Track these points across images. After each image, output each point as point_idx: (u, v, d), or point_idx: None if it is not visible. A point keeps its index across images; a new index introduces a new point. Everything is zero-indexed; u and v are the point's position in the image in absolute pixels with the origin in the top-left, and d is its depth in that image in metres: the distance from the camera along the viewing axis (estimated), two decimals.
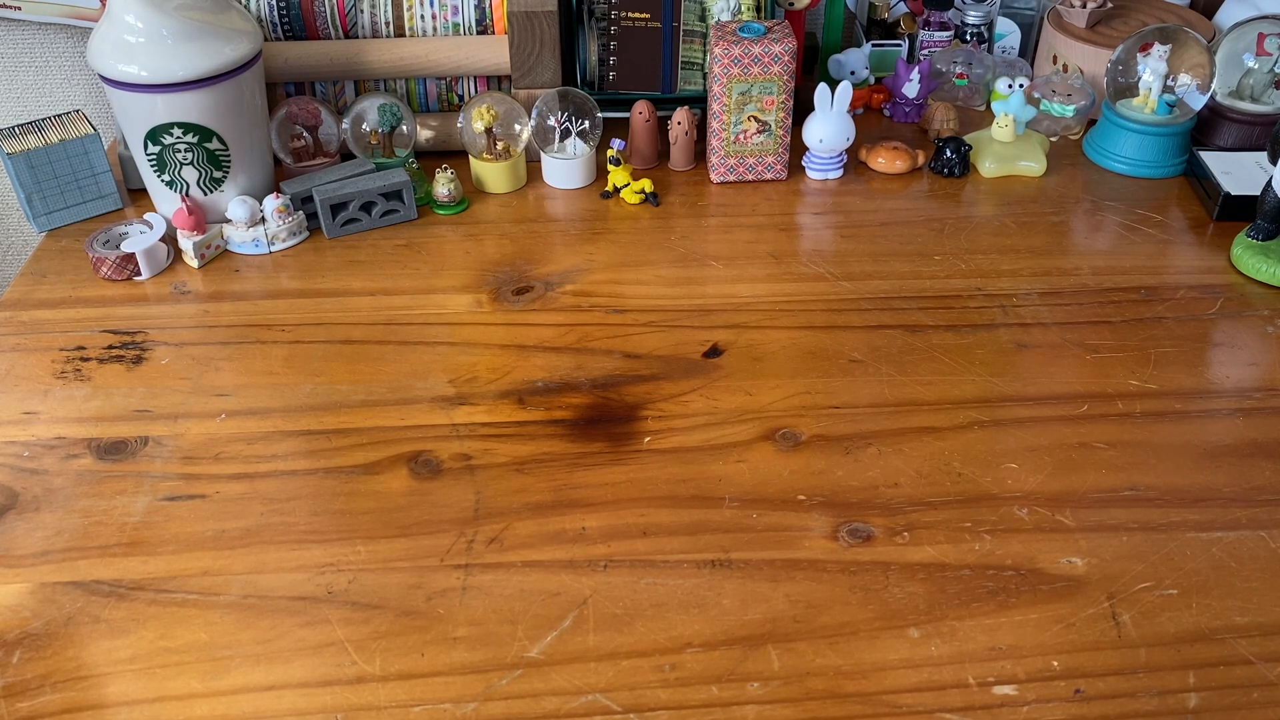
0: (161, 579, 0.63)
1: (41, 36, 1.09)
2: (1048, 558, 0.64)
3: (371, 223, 0.95)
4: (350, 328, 0.83)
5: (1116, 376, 0.78)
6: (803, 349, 0.80)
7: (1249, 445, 0.72)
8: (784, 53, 0.94)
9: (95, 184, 0.95)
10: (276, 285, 0.88)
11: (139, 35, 0.84)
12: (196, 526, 0.66)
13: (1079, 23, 1.10)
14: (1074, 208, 0.98)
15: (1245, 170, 0.96)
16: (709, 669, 0.58)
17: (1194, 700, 0.56)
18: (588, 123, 0.99)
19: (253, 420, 0.74)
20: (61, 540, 0.66)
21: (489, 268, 0.90)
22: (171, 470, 0.70)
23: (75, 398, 0.76)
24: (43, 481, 0.70)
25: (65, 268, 0.90)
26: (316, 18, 0.99)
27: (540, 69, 1.00)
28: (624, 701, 0.56)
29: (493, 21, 1.00)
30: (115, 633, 0.60)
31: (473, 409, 0.75)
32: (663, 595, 0.62)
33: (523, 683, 0.58)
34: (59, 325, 0.84)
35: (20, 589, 0.63)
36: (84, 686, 0.57)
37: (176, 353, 0.81)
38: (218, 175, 0.91)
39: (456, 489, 0.68)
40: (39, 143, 0.92)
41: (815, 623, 0.60)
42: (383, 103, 0.97)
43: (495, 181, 1.00)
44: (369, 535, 0.66)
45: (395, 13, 1.00)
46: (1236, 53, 1.02)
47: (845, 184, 1.02)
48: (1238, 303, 0.85)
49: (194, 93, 0.85)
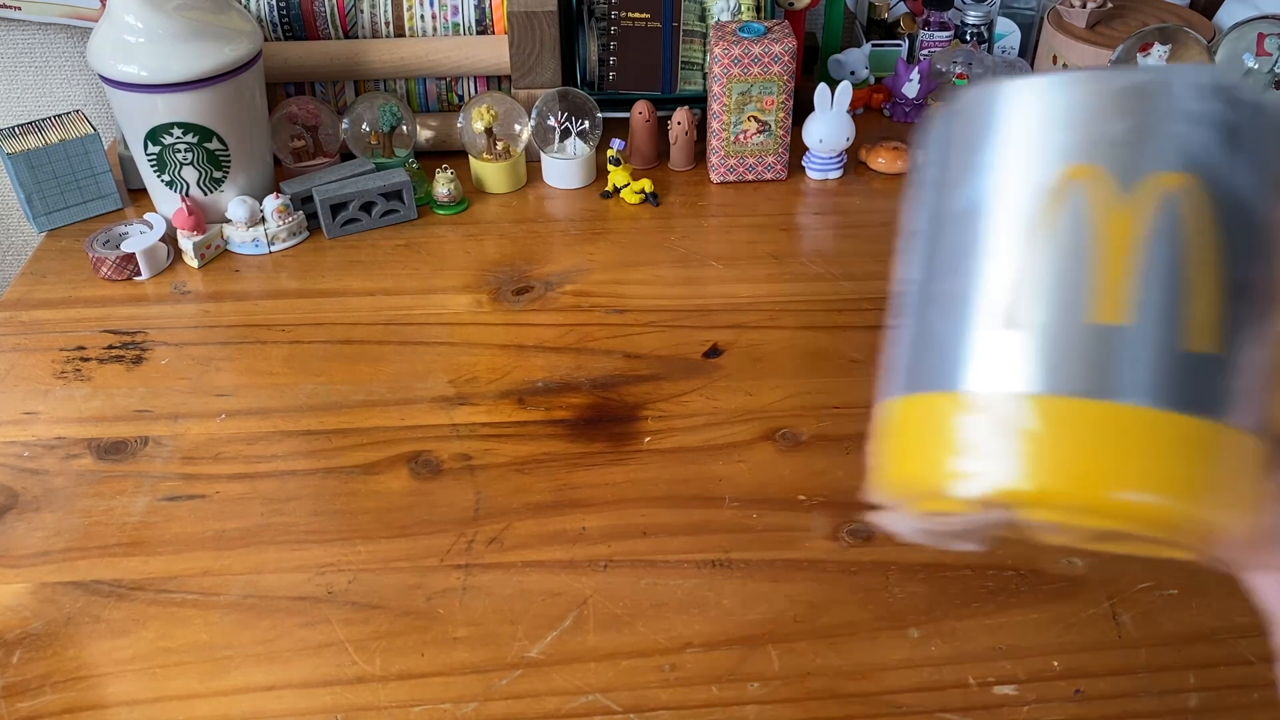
0: (162, 579, 0.63)
1: (41, 36, 1.09)
2: (1048, 558, 0.64)
3: (371, 223, 0.95)
4: (350, 328, 0.83)
5: None
6: (803, 349, 0.80)
7: None
8: (784, 53, 0.94)
9: (95, 184, 0.95)
10: (276, 285, 0.88)
11: (139, 35, 0.84)
12: (196, 527, 0.66)
13: (1079, 23, 1.10)
14: None
15: None
16: (709, 669, 0.58)
17: (1194, 700, 0.56)
18: (587, 123, 0.99)
19: (253, 420, 0.74)
20: (61, 540, 0.66)
21: (489, 268, 0.90)
22: (171, 470, 0.70)
23: (75, 398, 0.76)
24: (43, 481, 0.70)
25: (65, 268, 0.90)
26: (316, 18, 0.99)
27: (540, 69, 1.00)
28: (624, 702, 0.56)
29: (492, 21, 1.00)
30: (115, 633, 0.60)
31: (473, 409, 0.75)
32: (663, 595, 0.62)
33: (523, 683, 0.58)
34: (59, 325, 0.84)
35: (20, 589, 0.63)
36: (84, 687, 0.57)
37: (176, 353, 0.81)
38: (218, 175, 0.91)
39: (457, 489, 0.68)
40: (39, 143, 0.92)
41: (816, 623, 0.60)
42: (383, 103, 0.97)
43: (495, 181, 1.00)
44: (369, 535, 0.66)
45: (395, 13, 1.00)
46: (1236, 53, 1.02)
47: (845, 184, 1.01)
48: None
49: (194, 93, 0.85)
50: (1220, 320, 0.27)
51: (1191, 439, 0.27)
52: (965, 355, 0.29)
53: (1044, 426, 0.27)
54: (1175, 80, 0.28)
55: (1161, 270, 0.27)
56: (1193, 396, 0.27)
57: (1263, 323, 0.28)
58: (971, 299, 0.29)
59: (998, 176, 0.29)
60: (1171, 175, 0.27)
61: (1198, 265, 0.27)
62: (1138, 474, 0.27)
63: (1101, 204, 0.28)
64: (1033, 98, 0.29)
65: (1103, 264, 0.27)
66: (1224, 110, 0.28)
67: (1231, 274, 0.28)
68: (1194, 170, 0.27)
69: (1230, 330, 0.28)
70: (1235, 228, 0.28)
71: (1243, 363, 0.28)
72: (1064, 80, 0.29)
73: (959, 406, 0.28)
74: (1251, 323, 0.28)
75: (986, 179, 0.29)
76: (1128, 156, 0.28)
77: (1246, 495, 0.28)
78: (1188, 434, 0.27)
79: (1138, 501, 0.27)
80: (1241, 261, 0.28)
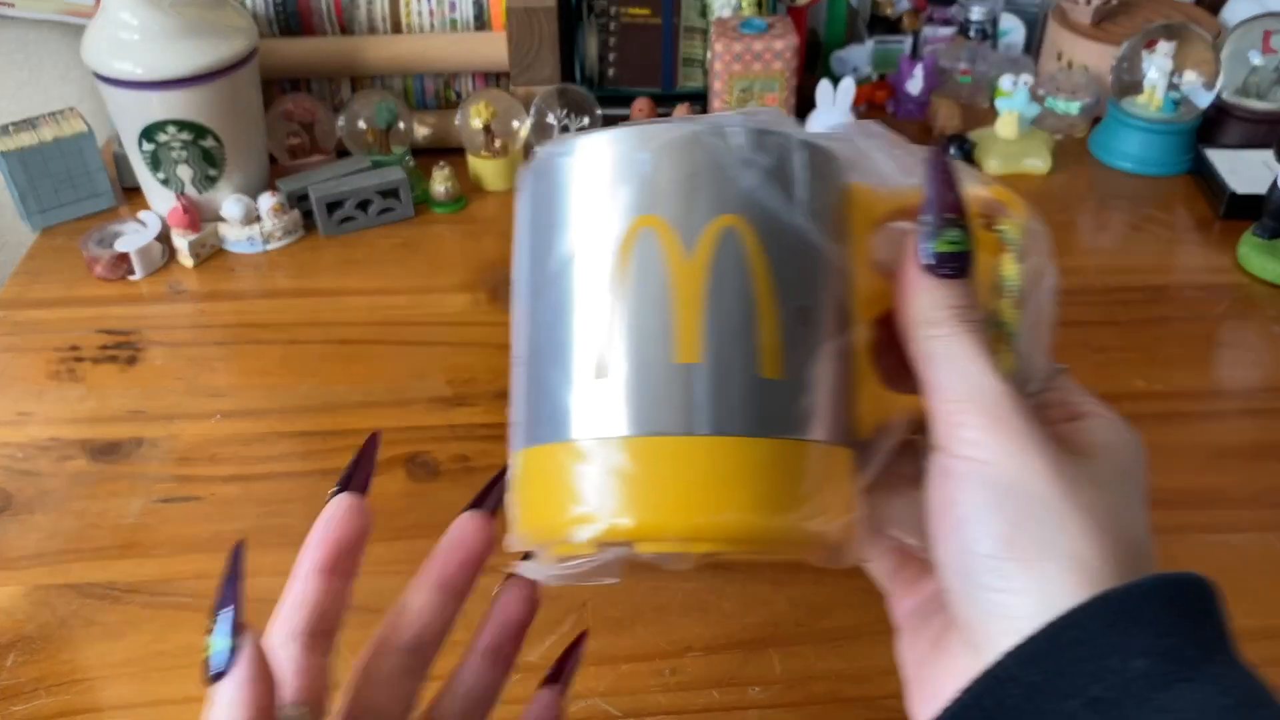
0: (157, 581, 0.62)
1: (35, 33, 1.09)
2: None
3: (368, 221, 0.94)
4: (346, 327, 0.83)
5: (1122, 377, 0.77)
6: None
7: (1256, 447, 0.71)
8: (786, 49, 0.93)
9: (89, 182, 0.94)
10: (272, 284, 0.88)
11: (134, 32, 0.83)
12: (192, 529, 0.66)
13: (1084, 19, 1.09)
14: (1079, 206, 0.97)
15: (1251, 168, 0.96)
16: (710, 673, 0.57)
17: None
18: (587, 120, 0.98)
19: (248, 421, 0.74)
20: (55, 542, 0.65)
21: (487, 266, 0.89)
22: (166, 472, 0.70)
23: (69, 398, 0.76)
24: (36, 483, 0.69)
25: (59, 267, 0.89)
26: (313, 14, 0.98)
27: (539, 65, 0.99)
28: (624, 706, 0.56)
29: (491, 18, 1.00)
30: (110, 636, 0.59)
31: (471, 410, 0.74)
32: (663, 599, 0.61)
33: (522, 687, 0.57)
34: (53, 325, 0.83)
35: (14, 591, 0.62)
36: (79, 690, 0.57)
37: (171, 353, 0.80)
38: (213, 173, 0.90)
39: (455, 491, 0.67)
40: (32, 141, 0.91)
41: (817, 626, 0.59)
42: (379, 100, 0.97)
43: (493, 179, 0.99)
44: None
45: (392, 9, 0.99)
46: (1242, 50, 1.01)
47: None
48: (1244, 303, 0.85)
49: (189, 90, 0.85)
50: (784, 347, 0.30)
51: (773, 459, 0.30)
52: (570, 406, 0.31)
53: (639, 467, 0.30)
54: (726, 128, 0.31)
55: (725, 308, 0.30)
56: (769, 420, 0.30)
57: (825, 343, 0.31)
58: (570, 352, 0.31)
59: (577, 234, 0.31)
60: (727, 218, 0.30)
61: (758, 300, 0.30)
62: (726, 500, 0.29)
63: (667, 252, 0.30)
64: (598, 156, 0.31)
65: (674, 308, 0.30)
66: (770, 154, 0.31)
67: (790, 303, 0.30)
68: (746, 212, 0.30)
69: (795, 355, 0.30)
70: (789, 261, 0.30)
71: (811, 381, 0.31)
72: (625, 136, 0.31)
73: (570, 455, 0.31)
74: (815, 344, 0.31)
75: (569, 237, 0.31)
76: (687, 205, 0.30)
77: (835, 500, 0.31)
78: (768, 455, 0.30)
79: (732, 526, 0.30)
80: (798, 290, 0.31)
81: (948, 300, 0.30)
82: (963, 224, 0.31)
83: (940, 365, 0.30)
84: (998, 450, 0.29)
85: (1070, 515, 0.28)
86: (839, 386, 0.31)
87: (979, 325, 0.30)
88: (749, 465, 0.30)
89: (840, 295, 0.32)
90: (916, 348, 0.31)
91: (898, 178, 0.33)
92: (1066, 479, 0.28)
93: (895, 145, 0.34)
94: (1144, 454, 0.32)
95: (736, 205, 0.30)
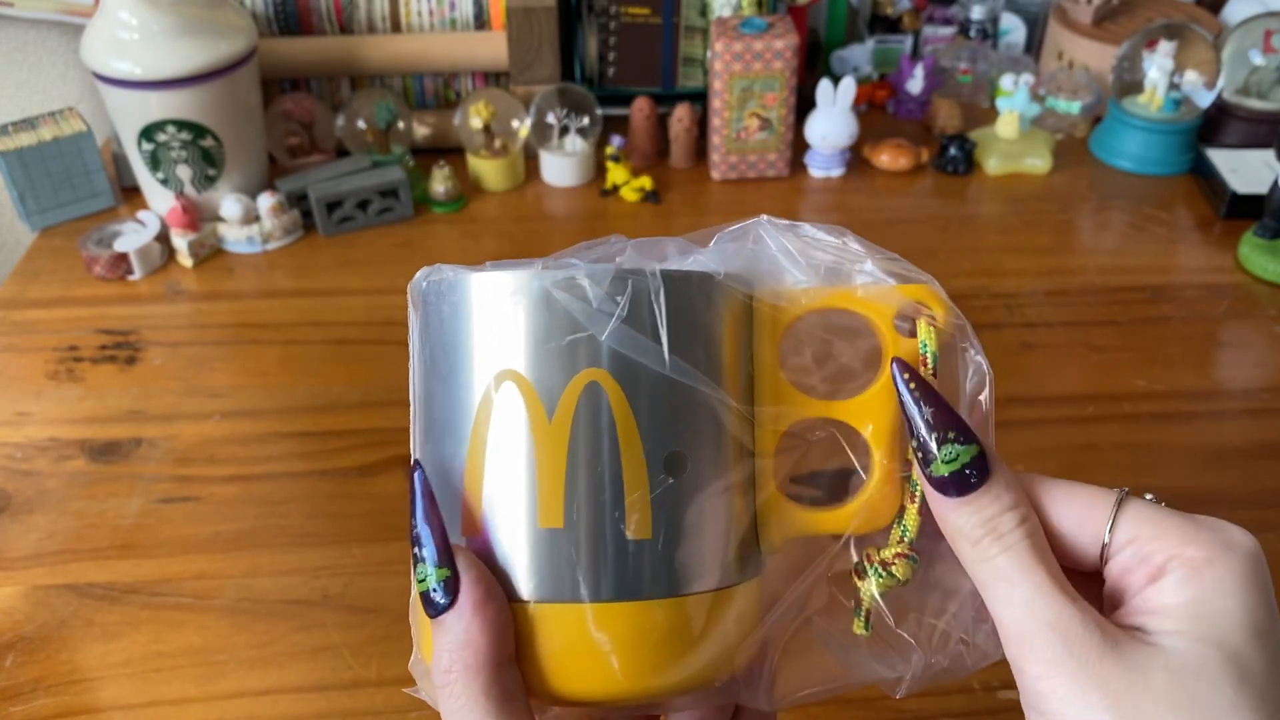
0: (155, 582, 0.62)
1: (35, 33, 1.08)
2: None
3: (367, 220, 0.94)
4: (346, 327, 0.82)
5: (1123, 377, 0.77)
6: None
7: (1257, 447, 0.71)
8: (786, 48, 0.93)
9: (88, 182, 0.94)
10: (271, 284, 0.87)
11: (133, 32, 0.83)
12: (190, 529, 0.66)
13: (1084, 19, 1.09)
14: (1080, 206, 0.97)
15: (1252, 168, 0.95)
16: None
17: None
18: (587, 119, 0.98)
19: (247, 421, 0.73)
20: (54, 543, 0.65)
21: None
22: (165, 472, 0.70)
23: (68, 399, 0.76)
24: (35, 483, 0.69)
25: (58, 267, 0.89)
26: (312, 13, 0.98)
27: (539, 65, 0.99)
28: None
29: (490, 17, 0.99)
30: (108, 636, 0.59)
31: None
32: None
33: None
34: (52, 325, 0.83)
35: (13, 592, 0.62)
36: (77, 690, 0.57)
37: (170, 353, 0.80)
38: (212, 173, 0.90)
39: None
40: (32, 140, 0.91)
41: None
42: (379, 99, 0.97)
43: (493, 179, 0.99)
44: (365, 538, 0.65)
45: (392, 8, 0.99)
46: (1243, 49, 1.01)
47: (848, 181, 1.01)
48: (1245, 302, 0.84)
49: (188, 90, 0.84)
50: (653, 505, 0.29)
51: (649, 621, 0.29)
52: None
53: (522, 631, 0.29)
54: (581, 278, 0.29)
55: (587, 470, 0.28)
56: (640, 583, 0.29)
57: (707, 486, 0.29)
58: (449, 496, 0.30)
59: (448, 383, 0.30)
60: (588, 373, 0.28)
61: (623, 456, 0.28)
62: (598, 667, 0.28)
63: (528, 413, 0.29)
64: (468, 301, 0.30)
65: (536, 473, 0.28)
66: (630, 297, 0.29)
67: (660, 452, 0.29)
68: (608, 364, 0.29)
69: (667, 509, 0.29)
70: (657, 408, 0.29)
71: (687, 532, 0.29)
72: (494, 282, 0.29)
73: None
74: (694, 490, 0.29)
75: (442, 383, 0.30)
76: (546, 363, 0.29)
77: (722, 647, 0.30)
78: (642, 618, 0.29)
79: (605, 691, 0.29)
80: (669, 437, 0.29)
81: (976, 517, 0.29)
82: (954, 434, 0.29)
83: (989, 593, 0.29)
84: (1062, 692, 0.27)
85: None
86: (725, 528, 0.30)
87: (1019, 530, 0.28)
88: (624, 629, 0.28)
89: (723, 431, 0.30)
90: (967, 569, 0.29)
91: (802, 277, 0.32)
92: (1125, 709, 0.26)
93: (809, 237, 0.33)
94: (1256, 569, 0.28)
95: (597, 359, 0.28)
